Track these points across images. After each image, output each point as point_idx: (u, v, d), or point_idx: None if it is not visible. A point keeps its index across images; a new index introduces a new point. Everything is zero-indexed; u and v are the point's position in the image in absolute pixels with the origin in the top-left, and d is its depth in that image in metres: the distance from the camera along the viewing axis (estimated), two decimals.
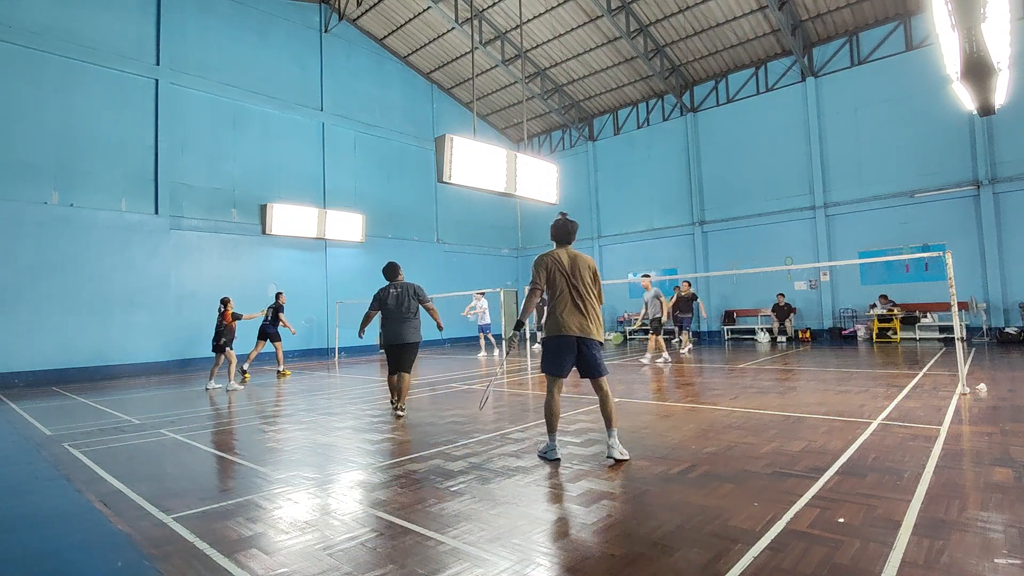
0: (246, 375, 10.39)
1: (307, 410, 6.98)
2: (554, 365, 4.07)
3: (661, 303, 11.39)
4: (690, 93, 18.36)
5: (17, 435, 5.95)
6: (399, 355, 6.39)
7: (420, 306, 6.53)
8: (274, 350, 11.30)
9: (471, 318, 15.37)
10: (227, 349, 9.42)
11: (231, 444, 5.29)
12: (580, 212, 21.17)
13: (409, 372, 6.46)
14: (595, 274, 4.26)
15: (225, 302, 9.64)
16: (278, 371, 11.30)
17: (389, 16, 17.58)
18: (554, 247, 4.32)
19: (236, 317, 9.65)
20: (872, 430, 4.64)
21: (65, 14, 12.27)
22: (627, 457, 4.02)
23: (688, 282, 12.95)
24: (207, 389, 9.29)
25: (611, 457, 3.97)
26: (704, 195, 18.14)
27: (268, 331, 10.99)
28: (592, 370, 4.10)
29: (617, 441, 4.04)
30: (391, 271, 6.61)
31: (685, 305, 12.82)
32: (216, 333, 9.49)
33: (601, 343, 4.19)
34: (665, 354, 11.27)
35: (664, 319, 11.49)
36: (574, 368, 4.18)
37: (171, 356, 13.30)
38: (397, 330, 6.39)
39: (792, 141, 16.19)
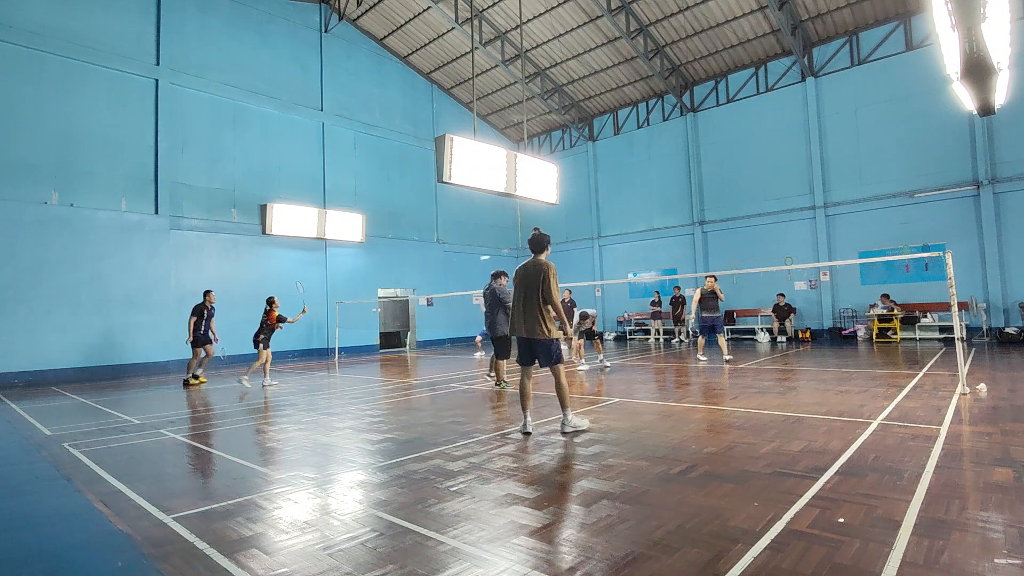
0: (201, 379, 10.07)
1: (307, 410, 6.98)
2: (518, 356, 5.17)
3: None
4: (690, 93, 18.36)
5: (17, 435, 5.95)
6: (492, 344, 8.10)
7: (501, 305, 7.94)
8: (204, 354, 10.17)
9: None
10: (261, 348, 9.67)
11: (231, 444, 5.29)
12: (580, 212, 21.20)
13: (500, 358, 7.97)
14: (543, 279, 4.92)
15: (270, 301, 9.92)
16: (190, 376, 10.06)
17: (389, 16, 17.58)
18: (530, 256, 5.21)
19: (281, 320, 9.83)
20: (872, 430, 4.64)
21: (65, 14, 12.27)
22: (582, 428, 4.98)
23: (713, 276, 10.99)
24: (264, 386, 9.38)
25: (562, 432, 4.92)
26: (704, 195, 18.14)
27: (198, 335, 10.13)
28: (542, 362, 5.02)
29: (569, 419, 4.96)
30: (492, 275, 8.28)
31: (710, 303, 10.77)
32: (257, 330, 9.80)
33: (547, 340, 4.95)
34: (583, 361, 10.66)
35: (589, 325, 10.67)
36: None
37: (171, 356, 13.29)
38: (487, 323, 8.21)
39: (792, 141, 16.19)
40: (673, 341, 16.79)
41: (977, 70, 6.69)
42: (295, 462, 4.40)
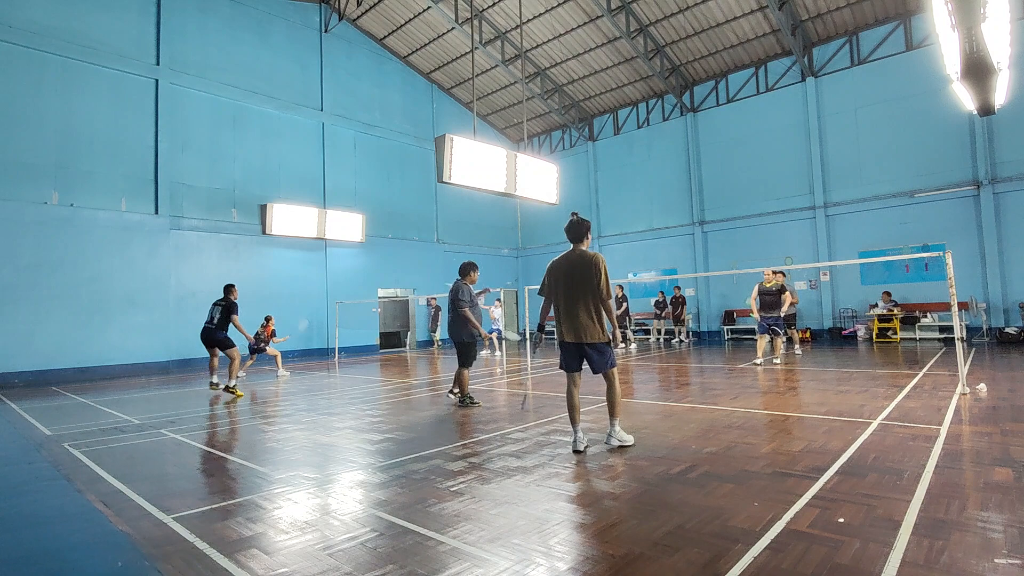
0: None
1: (307, 410, 6.98)
2: (562, 362, 4.48)
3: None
4: (690, 93, 18.35)
5: (17, 435, 5.95)
6: (457, 351, 6.84)
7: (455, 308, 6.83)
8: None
9: (492, 324, 15.14)
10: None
11: (231, 444, 5.29)
12: (580, 212, 21.11)
13: (460, 366, 6.70)
14: (596, 272, 4.27)
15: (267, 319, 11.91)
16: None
17: (389, 16, 17.58)
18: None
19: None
20: (872, 430, 4.64)
21: (65, 14, 12.27)
22: (628, 443, 4.41)
23: (776, 271, 10.02)
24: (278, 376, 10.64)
25: (606, 444, 4.43)
26: (704, 195, 18.14)
27: None
28: (596, 368, 4.37)
29: (616, 431, 4.41)
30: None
31: (770, 300, 9.82)
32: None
33: (602, 343, 4.31)
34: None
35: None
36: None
37: (171, 356, 13.29)
38: (448, 326, 6.99)
39: (792, 141, 16.19)
40: (673, 341, 16.78)
41: (977, 70, 6.70)
42: (295, 462, 4.40)
